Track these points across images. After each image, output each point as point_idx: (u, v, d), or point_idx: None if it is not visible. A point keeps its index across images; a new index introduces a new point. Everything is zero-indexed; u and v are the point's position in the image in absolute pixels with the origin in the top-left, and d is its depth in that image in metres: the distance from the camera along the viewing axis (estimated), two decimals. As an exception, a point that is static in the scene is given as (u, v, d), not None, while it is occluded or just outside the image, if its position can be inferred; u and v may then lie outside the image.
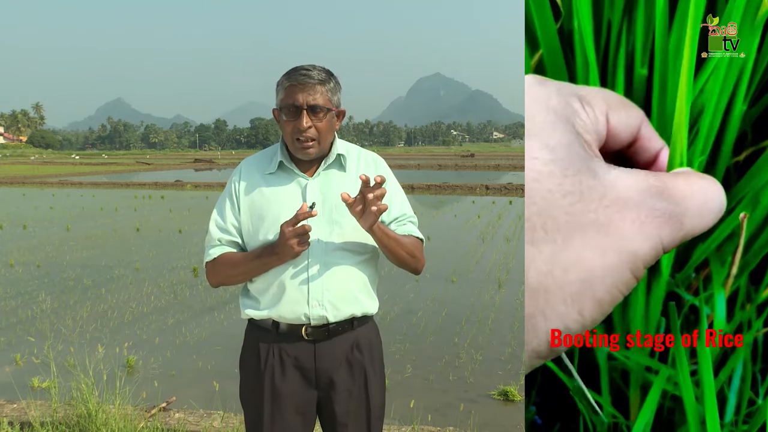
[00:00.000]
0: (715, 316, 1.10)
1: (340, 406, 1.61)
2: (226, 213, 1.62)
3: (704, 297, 1.09)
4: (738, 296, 1.13)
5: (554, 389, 1.16)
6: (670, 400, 1.13)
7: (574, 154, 0.78)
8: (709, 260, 1.10)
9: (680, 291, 1.10)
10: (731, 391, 1.12)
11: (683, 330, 1.09)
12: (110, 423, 2.93)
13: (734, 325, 1.13)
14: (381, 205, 1.41)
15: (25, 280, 7.41)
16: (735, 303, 1.14)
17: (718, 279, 1.09)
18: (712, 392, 1.03)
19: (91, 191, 21.91)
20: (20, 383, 3.98)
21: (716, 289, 1.09)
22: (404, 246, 1.58)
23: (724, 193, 0.85)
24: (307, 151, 1.56)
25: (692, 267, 1.11)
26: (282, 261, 1.52)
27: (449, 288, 6.94)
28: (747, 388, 1.13)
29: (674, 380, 1.07)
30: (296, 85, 1.51)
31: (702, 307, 1.08)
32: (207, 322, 5.71)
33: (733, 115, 1.03)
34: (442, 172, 33.56)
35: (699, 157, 1.02)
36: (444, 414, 3.70)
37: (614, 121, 0.87)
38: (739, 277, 1.11)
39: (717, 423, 1.02)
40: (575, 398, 1.17)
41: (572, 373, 1.13)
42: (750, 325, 1.12)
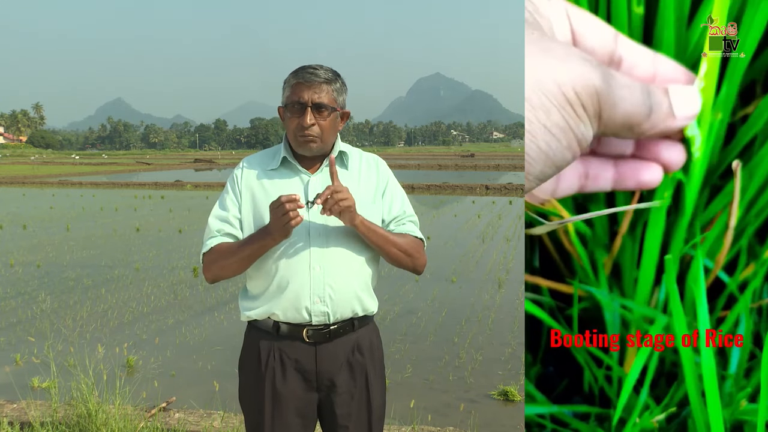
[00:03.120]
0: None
1: (341, 408, 1.61)
2: (227, 205, 1.62)
3: (707, 248, 1.08)
4: (741, 253, 1.13)
5: (561, 347, 1.16)
6: (673, 353, 1.12)
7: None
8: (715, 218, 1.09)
9: (684, 247, 1.08)
10: (733, 345, 1.12)
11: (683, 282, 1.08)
12: (110, 423, 2.92)
13: (737, 281, 1.12)
14: (339, 200, 1.44)
15: (25, 280, 7.41)
16: (738, 260, 1.13)
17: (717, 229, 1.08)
18: (709, 347, 1.02)
19: (91, 191, 21.91)
20: (20, 383, 3.98)
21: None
22: (395, 243, 1.58)
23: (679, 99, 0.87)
24: (309, 146, 1.56)
25: (698, 225, 1.10)
26: (276, 241, 1.50)
27: (449, 288, 6.94)
28: (748, 343, 1.12)
29: (672, 331, 1.06)
30: (302, 83, 1.52)
31: (700, 260, 1.06)
32: (207, 322, 5.71)
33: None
34: (442, 172, 33.56)
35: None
36: (444, 414, 3.70)
37: (581, 32, 0.88)
38: (741, 235, 1.10)
39: (714, 375, 1.01)
40: (577, 356, 1.17)
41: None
42: (756, 277, 1.10)
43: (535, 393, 1.18)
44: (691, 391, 1.03)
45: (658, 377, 1.14)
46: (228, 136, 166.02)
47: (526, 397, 1.20)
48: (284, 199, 1.42)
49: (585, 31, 0.88)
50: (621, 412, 1.10)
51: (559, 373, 1.19)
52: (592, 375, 1.18)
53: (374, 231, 1.54)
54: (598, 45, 0.88)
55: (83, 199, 18.77)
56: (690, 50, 0.98)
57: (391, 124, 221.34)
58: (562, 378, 1.20)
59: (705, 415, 1.02)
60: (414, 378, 4.30)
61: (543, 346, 1.17)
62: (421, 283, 7.06)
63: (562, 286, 1.19)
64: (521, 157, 15.33)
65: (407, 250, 1.61)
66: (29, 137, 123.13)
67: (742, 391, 1.12)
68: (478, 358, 4.67)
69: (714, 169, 1.07)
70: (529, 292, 1.19)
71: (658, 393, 1.15)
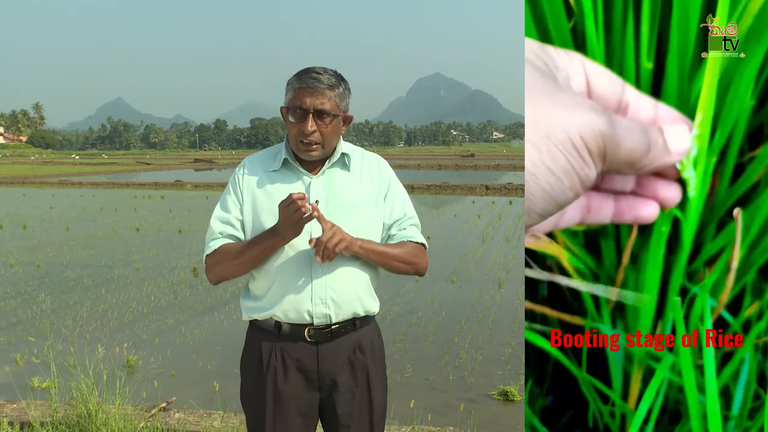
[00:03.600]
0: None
1: (343, 407, 1.61)
2: (229, 207, 1.62)
3: (709, 286, 1.10)
4: (746, 292, 1.14)
5: (566, 380, 1.17)
6: (677, 390, 1.13)
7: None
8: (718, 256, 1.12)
9: (688, 284, 1.11)
10: (738, 384, 1.13)
11: (690, 324, 1.09)
12: (110, 423, 2.93)
13: (741, 320, 1.13)
14: (334, 246, 1.46)
15: (25, 280, 7.41)
16: (743, 299, 1.14)
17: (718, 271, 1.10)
18: (713, 384, 1.03)
19: (91, 191, 21.92)
20: (20, 383, 3.98)
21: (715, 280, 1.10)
22: (395, 257, 1.59)
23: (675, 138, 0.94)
24: (310, 154, 1.56)
25: (701, 262, 1.12)
26: (285, 240, 1.51)
27: (449, 288, 6.94)
28: (753, 382, 1.13)
29: (678, 368, 1.08)
30: (305, 88, 1.51)
31: (705, 298, 1.08)
32: (207, 322, 5.71)
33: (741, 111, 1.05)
34: (442, 172, 33.57)
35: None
36: (444, 414, 3.70)
37: (595, 83, 0.96)
38: (745, 272, 1.12)
39: (718, 415, 1.02)
40: (583, 389, 1.17)
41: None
42: (761, 317, 1.12)
43: (538, 426, 1.18)
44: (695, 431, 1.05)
45: (662, 415, 1.15)
46: (228, 136, 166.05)
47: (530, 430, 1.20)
48: (296, 196, 1.42)
49: (598, 82, 0.97)
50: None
51: (563, 405, 1.21)
52: (597, 409, 1.19)
53: (374, 251, 1.56)
54: (609, 93, 0.97)
55: (83, 199, 18.78)
56: (691, 102, 1.05)
57: (391, 124, 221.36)
58: (566, 410, 1.21)
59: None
60: (414, 378, 4.30)
61: (549, 376, 1.18)
62: (421, 283, 7.06)
63: (567, 317, 1.20)
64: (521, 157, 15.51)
65: (408, 259, 1.62)
66: (29, 137, 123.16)
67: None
68: (478, 358, 4.67)
69: (720, 206, 1.11)
70: (530, 322, 1.20)
71: (662, 431, 1.16)
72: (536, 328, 1.18)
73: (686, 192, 1.02)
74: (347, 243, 1.49)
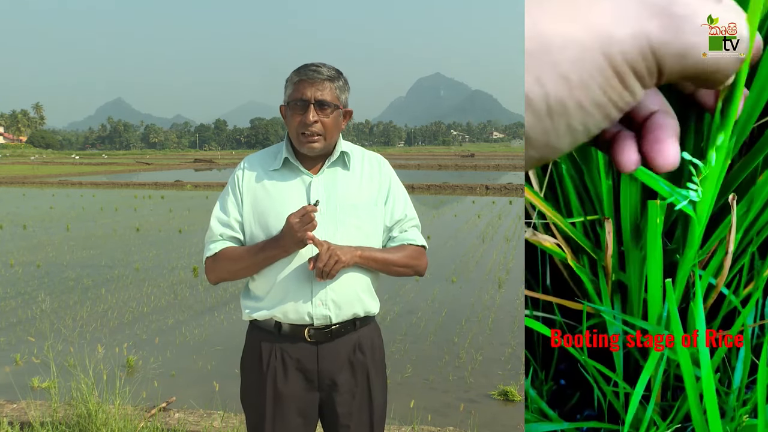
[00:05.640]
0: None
1: (343, 407, 1.61)
2: (228, 208, 1.61)
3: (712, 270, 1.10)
4: (743, 271, 1.14)
5: (569, 364, 1.19)
6: (677, 367, 1.13)
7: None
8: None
9: (695, 269, 1.11)
10: (738, 359, 1.13)
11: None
12: (110, 423, 2.93)
13: (741, 296, 1.14)
14: (332, 266, 1.48)
15: (25, 280, 7.41)
16: (741, 276, 1.15)
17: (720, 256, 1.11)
18: (708, 363, 1.03)
19: (91, 191, 21.91)
20: (20, 383, 3.98)
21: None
22: (395, 262, 1.60)
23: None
24: (311, 146, 1.55)
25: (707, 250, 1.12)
26: (287, 253, 1.52)
27: (449, 288, 6.94)
28: (749, 357, 1.13)
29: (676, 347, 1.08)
30: (305, 80, 1.52)
31: (697, 275, 1.08)
32: (207, 322, 5.71)
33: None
34: (442, 172, 33.56)
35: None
36: (444, 414, 3.70)
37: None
38: (741, 255, 1.12)
39: (713, 391, 1.02)
40: (586, 370, 1.18)
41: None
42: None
43: (546, 410, 1.19)
44: (693, 407, 1.05)
45: (665, 391, 1.16)
46: (228, 136, 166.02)
47: (537, 414, 1.21)
48: (309, 209, 1.45)
49: None
50: (629, 428, 1.12)
51: (570, 387, 1.21)
52: (601, 391, 1.19)
53: (374, 259, 1.56)
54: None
55: (83, 199, 18.77)
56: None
57: (391, 124, 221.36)
58: (574, 392, 1.21)
59: (707, 431, 1.03)
60: (414, 378, 4.30)
61: (554, 362, 1.19)
62: (421, 283, 7.06)
63: (567, 302, 1.20)
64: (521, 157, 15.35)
65: (407, 263, 1.62)
66: (29, 137, 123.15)
67: (744, 406, 1.13)
68: (478, 358, 4.67)
69: (734, 176, 1.08)
70: (531, 308, 1.20)
71: (665, 407, 1.16)
72: (538, 315, 1.18)
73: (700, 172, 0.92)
74: (344, 263, 1.50)
